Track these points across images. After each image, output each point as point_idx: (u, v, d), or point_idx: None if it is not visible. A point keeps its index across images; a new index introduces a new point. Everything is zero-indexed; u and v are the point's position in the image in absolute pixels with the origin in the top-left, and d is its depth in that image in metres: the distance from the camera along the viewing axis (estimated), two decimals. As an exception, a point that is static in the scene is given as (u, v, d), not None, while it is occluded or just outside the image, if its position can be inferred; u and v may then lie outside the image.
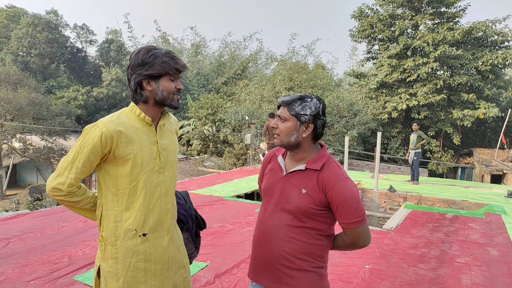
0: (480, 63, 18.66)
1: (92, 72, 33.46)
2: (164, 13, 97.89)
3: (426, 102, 18.54)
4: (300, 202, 1.56)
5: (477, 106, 18.37)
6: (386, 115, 19.66)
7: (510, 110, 18.64)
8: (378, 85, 20.17)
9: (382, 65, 20.09)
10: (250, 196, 8.14)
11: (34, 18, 29.43)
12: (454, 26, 19.76)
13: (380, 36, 21.05)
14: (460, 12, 20.05)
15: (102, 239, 1.60)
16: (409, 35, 20.98)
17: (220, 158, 18.98)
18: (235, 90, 25.63)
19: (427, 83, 18.85)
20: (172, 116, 1.81)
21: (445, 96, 18.49)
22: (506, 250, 4.52)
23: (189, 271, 1.78)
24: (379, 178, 8.87)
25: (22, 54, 29.79)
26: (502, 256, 4.30)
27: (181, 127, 23.50)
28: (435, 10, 20.17)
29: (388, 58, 19.80)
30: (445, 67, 19.59)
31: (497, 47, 19.38)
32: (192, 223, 1.89)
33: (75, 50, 33.80)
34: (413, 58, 18.90)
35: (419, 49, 19.42)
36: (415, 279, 3.55)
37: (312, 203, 1.54)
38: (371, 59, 23.29)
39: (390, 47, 21.00)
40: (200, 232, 1.98)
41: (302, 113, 1.57)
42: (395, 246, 4.53)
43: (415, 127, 9.54)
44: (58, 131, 20.62)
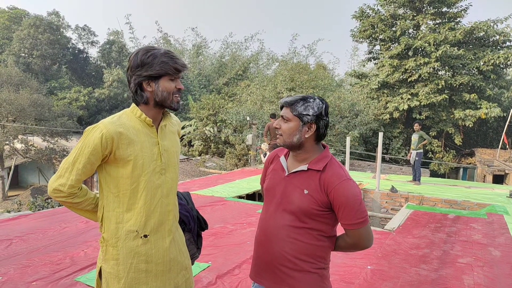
0: (481, 63, 18.63)
1: (93, 73, 33.53)
2: (165, 14, 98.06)
3: (428, 102, 18.50)
4: (302, 203, 1.55)
5: (478, 106, 18.32)
6: (388, 116, 19.63)
7: (512, 110, 18.62)
8: (380, 85, 20.14)
9: (384, 65, 20.06)
10: (251, 196, 8.14)
11: (36, 20, 29.48)
12: (455, 26, 19.73)
13: (381, 36, 21.04)
14: (462, 12, 20.04)
15: (103, 240, 1.60)
16: (410, 35, 20.95)
17: (221, 159, 18.97)
18: (236, 91, 25.62)
19: (428, 83, 18.80)
20: (174, 117, 1.80)
21: (446, 96, 18.44)
22: (508, 250, 4.50)
23: (191, 272, 1.77)
24: (380, 178, 8.86)
25: (24, 55, 29.85)
26: (504, 256, 4.28)
27: (182, 128, 23.47)
28: (436, 10, 20.16)
29: (389, 58, 19.77)
30: (446, 67, 19.54)
31: (498, 47, 19.35)
32: (194, 224, 1.89)
33: (76, 51, 33.89)
34: (414, 58, 18.85)
35: (420, 49, 19.38)
36: (417, 279, 3.54)
37: (314, 203, 1.54)
38: (372, 59, 23.26)
39: (391, 47, 20.98)
40: (202, 232, 1.98)
41: (304, 113, 1.57)
42: (397, 246, 4.52)
43: (417, 127, 9.51)
44: (60, 132, 20.67)
